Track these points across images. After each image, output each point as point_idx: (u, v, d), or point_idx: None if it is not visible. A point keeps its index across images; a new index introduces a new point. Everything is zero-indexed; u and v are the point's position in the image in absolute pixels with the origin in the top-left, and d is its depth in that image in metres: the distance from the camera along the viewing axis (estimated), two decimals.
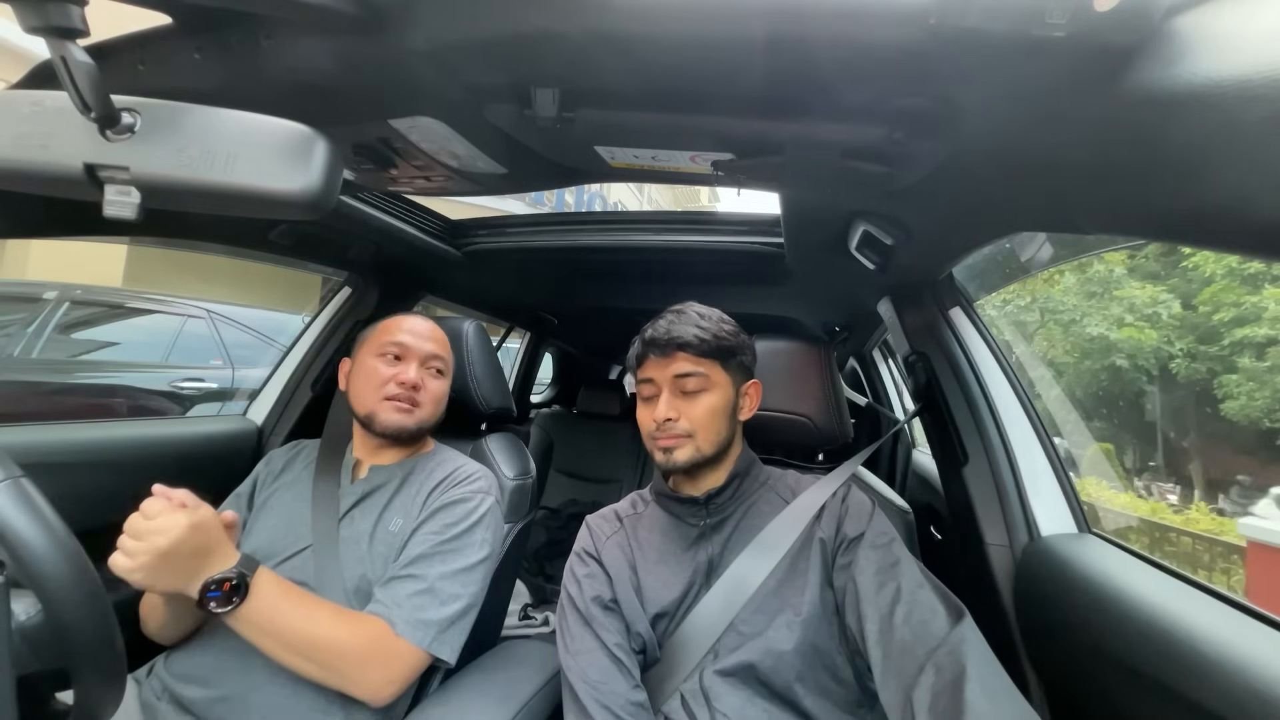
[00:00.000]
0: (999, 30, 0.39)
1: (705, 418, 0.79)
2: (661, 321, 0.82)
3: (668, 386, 0.80)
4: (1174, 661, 0.60)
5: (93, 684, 0.50)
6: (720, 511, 0.83)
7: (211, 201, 0.42)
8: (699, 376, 0.79)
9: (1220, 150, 0.38)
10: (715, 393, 0.80)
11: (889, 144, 0.59)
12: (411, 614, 0.79)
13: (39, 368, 3.06)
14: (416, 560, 0.83)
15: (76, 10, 0.37)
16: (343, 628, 0.76)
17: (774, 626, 0.73)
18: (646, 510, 0.90)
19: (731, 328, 0.84)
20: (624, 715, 0.72)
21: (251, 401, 1.44)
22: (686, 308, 0.84)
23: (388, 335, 0.98)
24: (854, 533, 0.77)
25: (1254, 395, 6.91)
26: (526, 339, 2.69)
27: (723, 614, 0.75)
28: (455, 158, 0.77)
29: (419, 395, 0.96)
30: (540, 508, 2.38)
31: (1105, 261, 7.84)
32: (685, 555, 0.81)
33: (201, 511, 0.71)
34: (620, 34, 0.46)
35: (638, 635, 0.79)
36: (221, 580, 0.69)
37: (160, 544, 0.66)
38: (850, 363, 2.44)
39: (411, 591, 0.80)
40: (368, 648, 0.76)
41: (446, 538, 0.86)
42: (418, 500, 0.92)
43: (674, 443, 0.79)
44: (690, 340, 0.79)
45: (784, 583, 0.76)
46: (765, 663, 0.71)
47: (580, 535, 0.90)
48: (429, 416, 0.98)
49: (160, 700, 0.79)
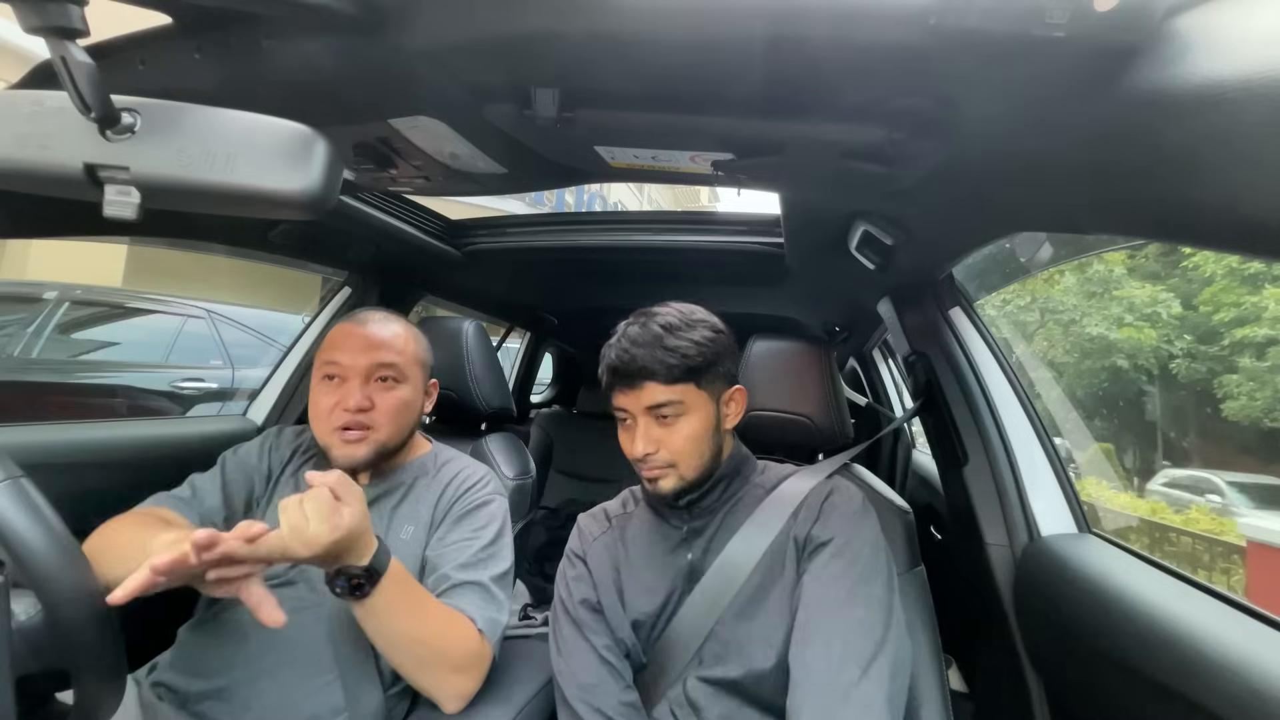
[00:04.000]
0: (999, 30, 0.39)
1: (686, 445, 0.74)
2: (624, 341, 0.74)
3: (641, 417, 0.74)
4: (1174, 661, 0.60)
5: (93, 684, 0.50)
6: (704, 515, 0.81)
7: (211, 201, 0.42)
8: (673, 405, 0.73)
9: (1220, 150, 0.38)
10: (693, 417, 0.74)
11: (889, 144, 0.59)
12: (483, 613, 0.79)
13: (39, 368, 3.06)
14: (465, 567, 0.83)
15: (76, 10, 0.37)
16: (447, 632, 0.76)
17: (753, 642, 0.72)
18: (636, 510, 0.88)
19: (703, 336, 0.74)
20: (616, 717, 0.72)
21: (251, 401, 1.44)
22: (650, 320, 0.75)
23: (325, 353, 0.88)
24: (823, 537, 0.73)
25: (1255, 395, 6.91)
26: (526, 339, 2.69)
27: (704, 620, 0.74)
28: (455, 158, 0.77)
29: (369, 417, 0.85)
30: (540, 508, 2.38)
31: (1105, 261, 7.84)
32: (668, 559, 0.80)
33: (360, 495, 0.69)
34: (620, 34, 0.46)
35: (621, 641, 0.78)
36: (352, 573, 0.67)
37: (345, 520, 0.64)
38: (850, 363, 2.44)
39: (476, 594, 0.81)
40: (465, 650, 0.76)
41: (484, 542, 0.86)
42: (428, 507, 0.90)
43: (657, 474, 0.75)
44: (657, 370, 0.72)
45: (762, 586, 0.74)
46: (748, 680, 0.71)
47: (571, 535, 0.89)
48: (389, 436, 0.87)
49: (160, 700, 0.79)
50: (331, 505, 0.64)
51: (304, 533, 0.61)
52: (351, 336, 0.88)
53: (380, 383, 0.88)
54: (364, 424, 0.85)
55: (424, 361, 0.97)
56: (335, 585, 0.68)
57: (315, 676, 0.78)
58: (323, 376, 0.87)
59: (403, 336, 0.92)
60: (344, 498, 0.66)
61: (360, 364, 0.86)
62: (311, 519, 0.62)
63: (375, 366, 0.87)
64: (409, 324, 0.97)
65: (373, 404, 0.86)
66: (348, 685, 0.78)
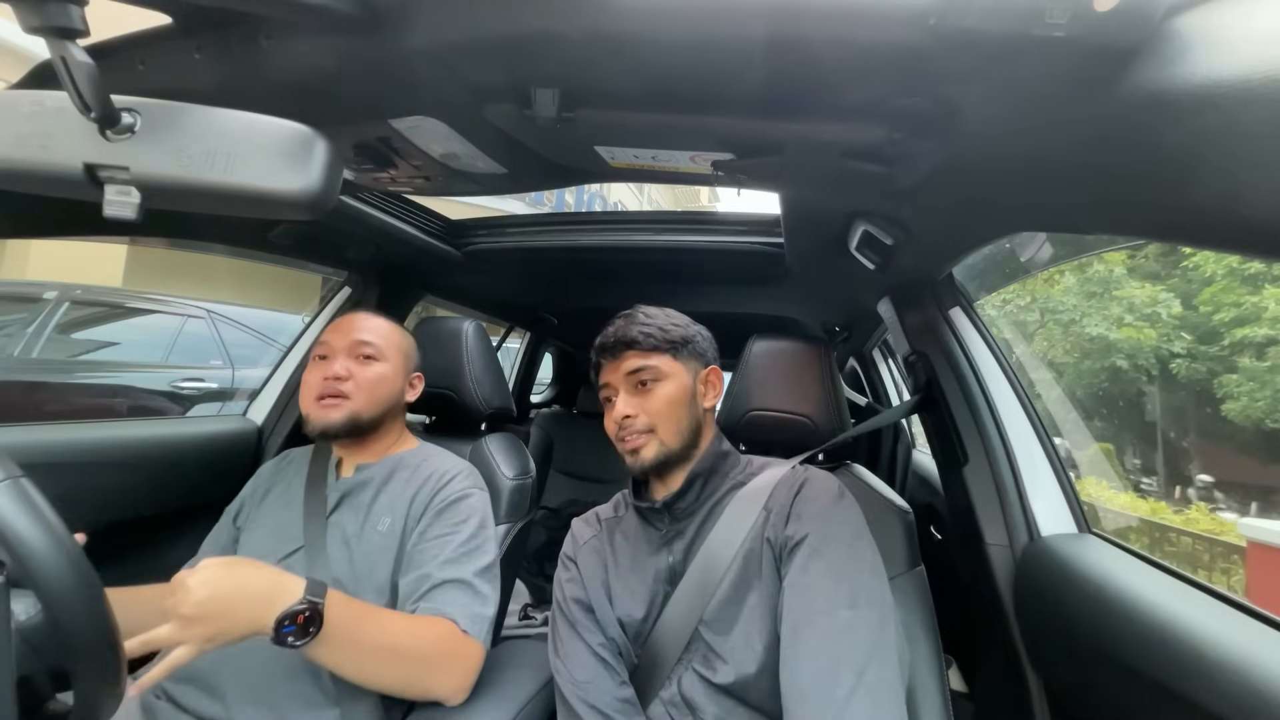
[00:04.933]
0: (999, 31, 0.39)
1: (664, 408, 0.79)
2: (610, 328, 0.83)
3: (623, 385, 0.81)
4: (1174, 661, 0.60)
5: (93, 684, 0.50)
6: (683, 516, 0.81)
7: (211, 201, 0.42)
8: (650, 369, 0.80)
9: (1220, 150, 0.38)
10: (670, 382, 0.80)
11: (889, 144, 0.59)
12: (467, 610, 0.80)
13: (39, 368, 3.06)
14: (447, 564, 0.83)
15: (76, 10, 0.37)
16: (417, 634, 0.76)
17: (737, 650, 0.71)
18: (626, 514, 0.89)
19: (680, 320, 0.85)
20: (611, 713, 0.72)
21: (251, 401, 1.44)
22: (633, 310, 0.85)
23: (319, 341, 0.98)
24: (797, 535, 0.72)
25: (1255, 396, 6.91)
26: (526, 339, 2.69)
27: (687, 621, 0.74)
28: (455, 158, 0.77)
29: (346, 385, 0.92)
30: (540, 508, 2.38)
31: (1105, 261, 7.83)
32: (650, 562, 0.81)
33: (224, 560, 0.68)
34: (620, 34, 0.46)
35: (613, 640, 0.79)
36: (295, 613, 0.66)
37: (198, 595, 0.63)
38: (850, 363, 2.44)
39: (459, 591, 0.81)
40: (444, 649, 0.77)
41: (465, 537, 0.87)
42: (405, 500, 0.91)
43: (638, 441, 0.78)
44: (636, 337, 0.80)
45: (739, 590, 0.73)
46: (736, 686, 0.70)
47: (566, 539, 0.90)
48: (364, 406, 0.93)
49: (160, 700, 0.79)
50: (183, 574, 0.65)
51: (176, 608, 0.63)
52: (341, 323, 0.99)
53: (361, 360, 0.96)
54: (341, 392, 0.92)
55: (405, 351, 1.03)
56: (284, 633, 0.65)
57: (307, 676, 0.78)
58: (314, 359, 0.97)
59: (385, 326, 1.02)
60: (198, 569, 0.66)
61: (344, 341, 0.96)
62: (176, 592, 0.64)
63: (356, 344, 0.96)
64: (396, 324, 1.06)
65: (350, 375, 0.93)
66: (340, 684, 0.78)
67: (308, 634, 0.66)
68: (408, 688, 0.76)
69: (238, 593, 0.66)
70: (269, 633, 0.65)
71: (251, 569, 0.68)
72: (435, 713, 0.81)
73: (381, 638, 0.73)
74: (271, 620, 0.65)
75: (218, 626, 0.64)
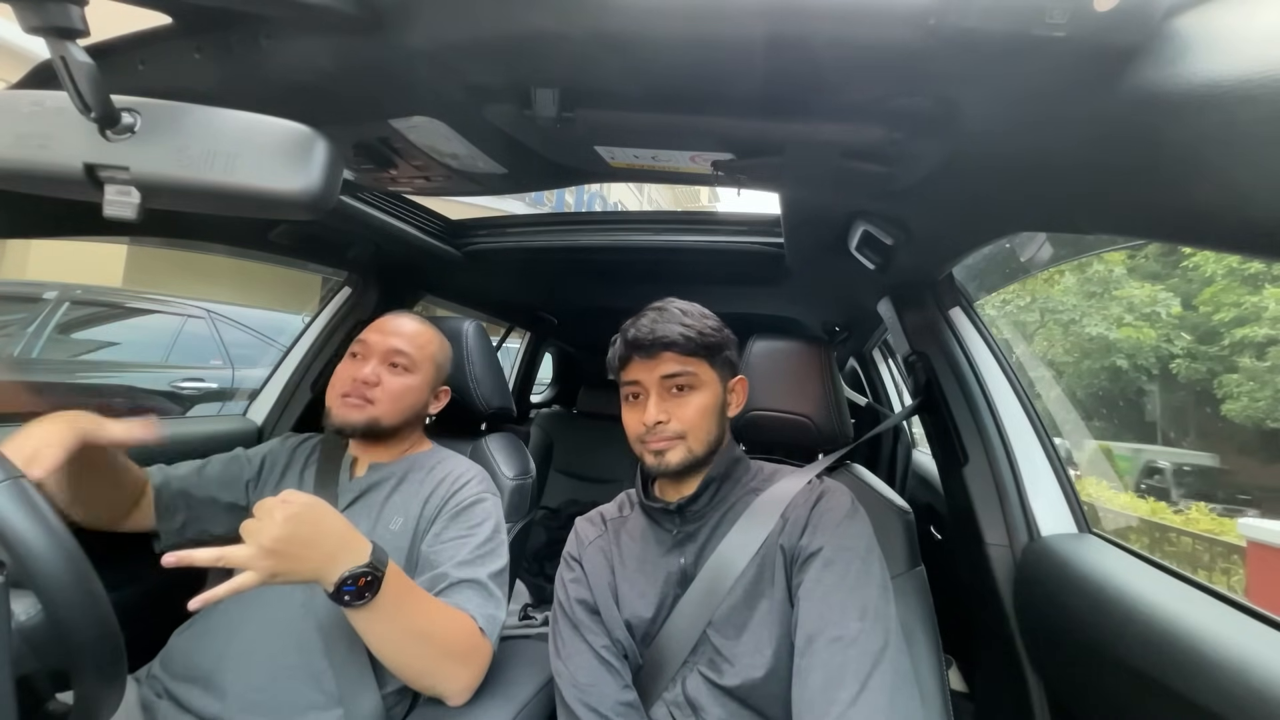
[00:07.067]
0: (999, 30, 0.39)
1: (696, 418, 0.77)
2: (644, 320, 0.78)
3: (655, 388, 0.77)
4: (1174, 661, 0.60)
5: (93, 684, 0.50)
6: (695, 519, 0.81)
7: (211, 201, 0.42)
8: (687, 375, 0.77)
9: (1220, 150, 0.38)
10: (704, 391, 0.78)
11: (889, 144, 0.59)
12: (482, 610, 0.80)
13: (39, 368, 3.06)
14: (463, 564, 0.84)
15: (76, 10, 0.37)
16: (447, 624, 0.76)
17: (745, 654, 0.71)
18: (632, 514, 0.88)
19: (715, 323, 0.81)
20: (613, 717, 0.72)
21: (251, 401, 1.44)
22: (667, 304, 0.81)
23: (359, 338, 0.99)
24: (812, 547, 0.72)
25: (1255, 395, 6.90)
26: (526, 339, 2.69)
27: (695, 624, 0.74)
28: (455, 158, 0.77)
29: (373, 391, 0.93)
30: (540, 508, 2.38)
31: (1105, 261, 7.83)
32: (660, 564, 0.80)
33: (312, 501, 0.69)
34: (620, 34, 0.46)
35: (618, 642, 0.78)
36: (358, 575, 0.67)
37: (282, 531, 0.64)
38: (850, 363, 2.44)
39: (474, 592, 0.82)
40: (466, 644, 0.77)
41: (480, 540, 0.87)
42: (418, 501, 0.91)
43: (666, 445, 0.76)
44: (676, 339, 0.75)
45: (751, 596, 0.74)
46: (743, 689, 0.71)
47: (569, 538, 0.90)
48: (386, 414, 0.94)
49: (160, 700, 0.79)
50: (275, 502, 0.66)
51: (258, 535, 0.64)
52: (384, 323, 1.00)
53: (392, 367, 0.96)
54: (366, 396, 0.93)
55: (438, 363, 1.04)
56: (343, 591, 0.66)
57: (310, 677, 0.78)
58: (350, 354, 0.97)
59: (424, 335, 1.02)
60: (288, 500, 0.67)
61: (382, 346, 0.97)
62: (262, 519, 0.65)
63: (392, 351, 0.97)
64: (438, 331, 1.07)
65: (379, 381, 0.94)
66: (343, 684, 0.78)
67: (363, 597, 0.68)
68: (422, 675, 0.75)
69: (318, 540, 0.67)
70: (329, 586, 0.66)
71: (334, 517, 0.69)
72: (436, 713, 0.81)
73: (421, 620, 0.74)
74: (336, 576, 0.66)
75: (289, 565, 0.65)
